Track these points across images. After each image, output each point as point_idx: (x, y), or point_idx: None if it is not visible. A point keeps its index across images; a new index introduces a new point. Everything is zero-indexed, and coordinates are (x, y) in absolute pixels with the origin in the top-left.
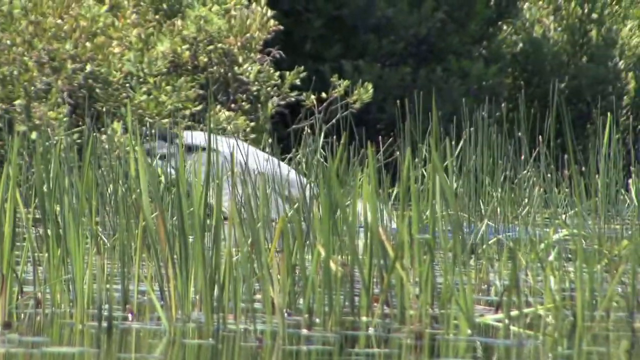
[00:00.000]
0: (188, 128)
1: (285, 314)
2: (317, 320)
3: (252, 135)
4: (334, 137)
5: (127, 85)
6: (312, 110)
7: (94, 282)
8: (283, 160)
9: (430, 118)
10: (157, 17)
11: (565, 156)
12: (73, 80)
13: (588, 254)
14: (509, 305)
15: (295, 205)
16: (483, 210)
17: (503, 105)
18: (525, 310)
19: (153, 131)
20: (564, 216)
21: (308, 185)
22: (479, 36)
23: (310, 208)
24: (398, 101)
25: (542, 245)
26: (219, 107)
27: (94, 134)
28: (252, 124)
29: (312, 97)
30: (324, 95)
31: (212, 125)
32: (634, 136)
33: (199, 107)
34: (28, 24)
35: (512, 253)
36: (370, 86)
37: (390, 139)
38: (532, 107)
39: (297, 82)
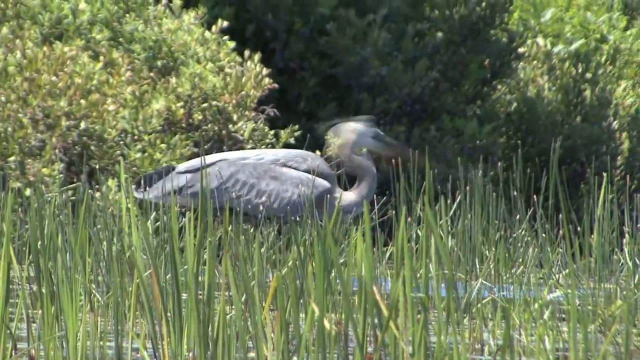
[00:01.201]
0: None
1: None
2: None
3: None
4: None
5: (122, 142)
6: None
7: (88, 340)
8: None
9: (423, 177)
10: (151, 74)
11: (560, 216)
12: (67, 137)
13: (582, 314)
14: None
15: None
16: (477, 269)
17: (499, 164)
18: None
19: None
20: (558, 276)
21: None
22: (473, 95)
23: (304, 266)
24: (392, 160)
25: (536, 305)
26: None
27: (89, 191)
28: None
29: None
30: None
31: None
32: (627, 196)
33: None
34: (23, 80)
35: (506, 312)
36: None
37: (385, 198)
38: (526, 167)
39: (292, 140)
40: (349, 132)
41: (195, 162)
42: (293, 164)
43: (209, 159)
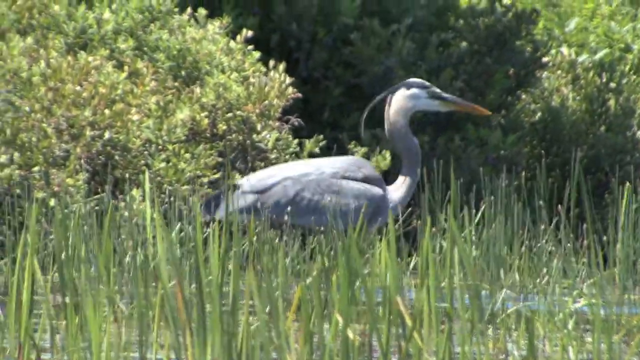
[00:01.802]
0: (208, 195)
1: None
2: None
3: None
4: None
5: (146, 152)
6: None
7: (112, 351)
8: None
9: (447, 187)
10: (176, 84)
11: (584, 225)
12: (92, 147)
13: (606, 324)
14: None
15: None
16: (502, 280)
17: (523, 174)
18: None
19: (172, 198)
20: (582, 286)
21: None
22: (497, 105)
23: (329, 276)
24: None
25: (561, 315)
26: (237, 174)
27: (113, 201)
28: None
29: None
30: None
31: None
32: None
33: (218, 175)
34: (47, 90)
35: (530, 323)
36: (388, 154)
37: (409, 208)
38: (550, 176)
39: (316, 150)
40: (402, 98)
41: (258, 181)
42: (350, 174)
43: (271, 175)
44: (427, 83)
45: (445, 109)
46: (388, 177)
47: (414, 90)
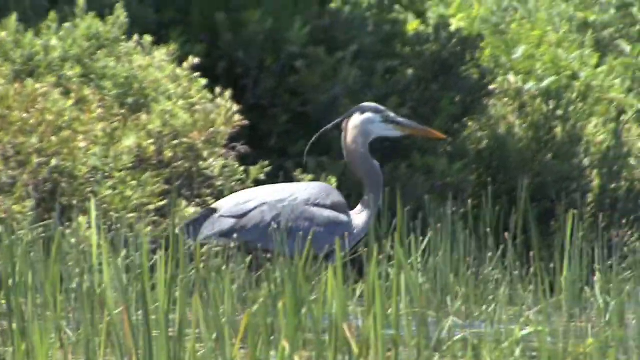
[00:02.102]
0: (154, 223)
1: None
2: None
3: None
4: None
5: (93, 179)
6: None
7: None
8: (248, 257)
9: (393, 215)
10: (122, 111)
11: (531, 253)
12: (39, 174)
13: (553, 352)
14: None
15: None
16: (449, 307)
17: (469, 201)
18: None
19: (118, 225)
20: (529, 313)
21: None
22: (444, 132)
23: (275, 303)
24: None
25: (507, 343)
26: (183, 202)
27: (60, 228)
28: None
29: None
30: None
31: (176, 221)
32: (598, 233)
33: (164, 202)
34: None
35: (477, 350)
36: (333, 180)
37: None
38: (497, 204)
39: (262, 176)
40: (357, 124)
41: (235, 205)
42: (320, 201)
43: (248, 199)
44: (381, 107)
45: (400, 133)
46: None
47: (368, 115)
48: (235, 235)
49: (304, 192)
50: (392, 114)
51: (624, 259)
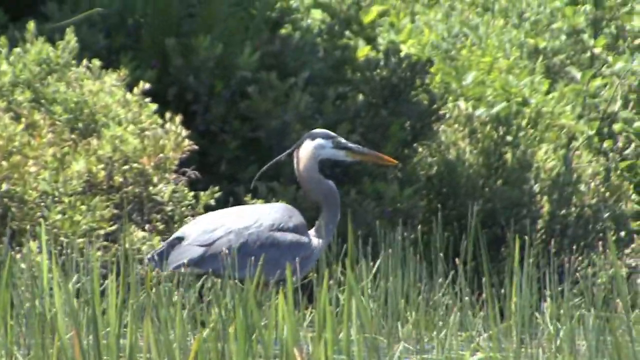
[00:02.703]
0: (104, 247)
1: None
2: None
3: None
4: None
5: (43, 204)
6: None
7: None
8: (198, 280)
9: (343, 240)
10: (73, 136)
11: (483, 279)
12: None
13: None
14: None
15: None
16: (400, 332)
17: (419, 227)
18: None
19: (69, 250)
20: (479, 339)
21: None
22: (394, 158)
23: (226, 328)
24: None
25: None
26: (133, 227)
27: (10, 252)
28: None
29: None
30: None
31: (127, 246)
32: (548, 259)
33: (114, 227)
34: None
35: None
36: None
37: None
38: (447, 230)
39: (212, 202)
40: (308, 149)
41: (203, 233)
42: (284, 225)
43: (214, 227)
44: (332, 133)
45: (351, 158)
46: None
47: (319, 141)
48: (204, 264)
49: (267, 216)
50: (342, 140)
51: (575, 284)
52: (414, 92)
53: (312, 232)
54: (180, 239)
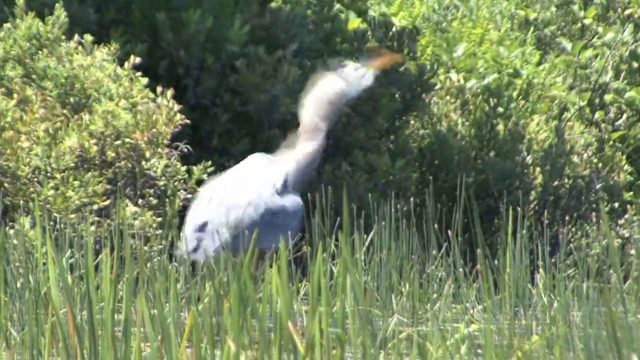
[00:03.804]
0: (97, 223)
1: None
2: None
3: (160, 231)
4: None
5: (35, 179)
6: None
7: None
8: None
9: (336, 213)
10: (64, 111)
11: (478, 250)
12: None
13: (498, 350)
14: None
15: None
16: (394, 305)
17: (411, 199)
18: None
19: (62, 226)
20: (473, 311)
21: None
22: (385, 130)
23: (220, 302)
24: (308, 195)
25: (452, 340)
26: (127, 201)
27: (3, 228)
28: (159, 219)
29: None
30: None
31: (119, 221)
32: (541, 231)
33: (107, 202)
34: None
35: (422, 348)
36: None
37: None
38: (439, 202)
39: (205, 176)
40: (334, 87)
41: (221, 214)
42: (281, 185)
43: (230, 204)
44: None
45: (372, 74)
46: None
47: (350, 70)
48: (236, 243)
49: (266, 182)
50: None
51: (568, 255)
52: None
53: (298, 150)
54: (205, 224)
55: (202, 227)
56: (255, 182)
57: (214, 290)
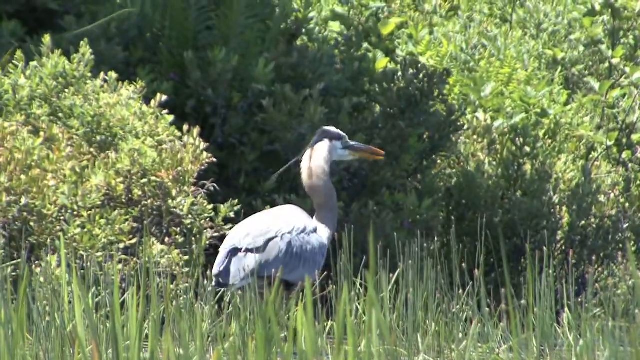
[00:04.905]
0: (124, 261)
1: None
2: None
3: (186, 269)
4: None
5: (62, 218)
6: None
7: None
8: (217, 294)
9: (362, 252)
10: (91, 149)
11: (502, 290)
12: (8, 213)
13: None
14: None
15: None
16: (420, 344)
17: (436, 239)
18: None
19: (88, 264)
20: (498, 350)
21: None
22: (412, 170)
23: (246, 340)
24: (334, 234)
25: None
26: (153, 240)
27: (29, 266)
28: (186, 257)
29: None
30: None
31: (146, 259)
32: (567, 271)
33: (134, 241)
34: None
35: None
36: None
37: (324, 272)
38: (466, 241)
39: (232, 214)
40: (322, 152)
41: (252, 240)
42: (309, 226)
43: (261, 233)
44: (341, 133)
45: (351, 157)
46: None
47: (334, 142)
48: (261, 270)
49: (298, 220)
50: (349, 141)
51: (595, 295)
52: (431, 103)
53: (321, 227)
54: (235, 250)
55: (232, 252)
56: (289, 219)
57: (239, 329)
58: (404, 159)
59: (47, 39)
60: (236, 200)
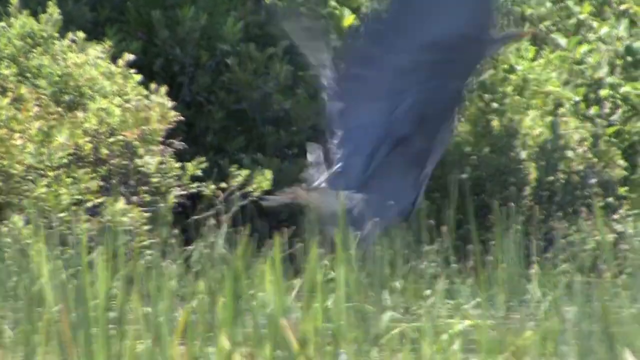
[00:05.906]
0: (90, 220)
1: None
2: None
3: (148, 227)
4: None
5: (29, 178)
6: (213, 201)
7: None
8: (184, 251)
9: None
10: (59, 109)
11: (469, 246)
12: None
13: (492, 345)
14: None
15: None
16: (388, 301)
17: None
18: None
19: (53, 223)
20: (467, 307)
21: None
22: None
23: (215, 298)
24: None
25: (446, 336)
26: (122, 199)
27: None
28: (147, 214)
29: (213, 187)
30: (224, 185)
31: (109, 217)
32: (534, 226)
33: (101, 199)
34: None
35: (416, 343)
36: (269, 174)
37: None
38: (433, 198)
39: (199, 172)
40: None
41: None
42: None
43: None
44: None
45: None
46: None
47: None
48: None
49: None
50: None
51: (562, 251)
52: None
53: None
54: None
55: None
56: None
57: (209, 287)
58: None
59: None
60: (203, 158)
